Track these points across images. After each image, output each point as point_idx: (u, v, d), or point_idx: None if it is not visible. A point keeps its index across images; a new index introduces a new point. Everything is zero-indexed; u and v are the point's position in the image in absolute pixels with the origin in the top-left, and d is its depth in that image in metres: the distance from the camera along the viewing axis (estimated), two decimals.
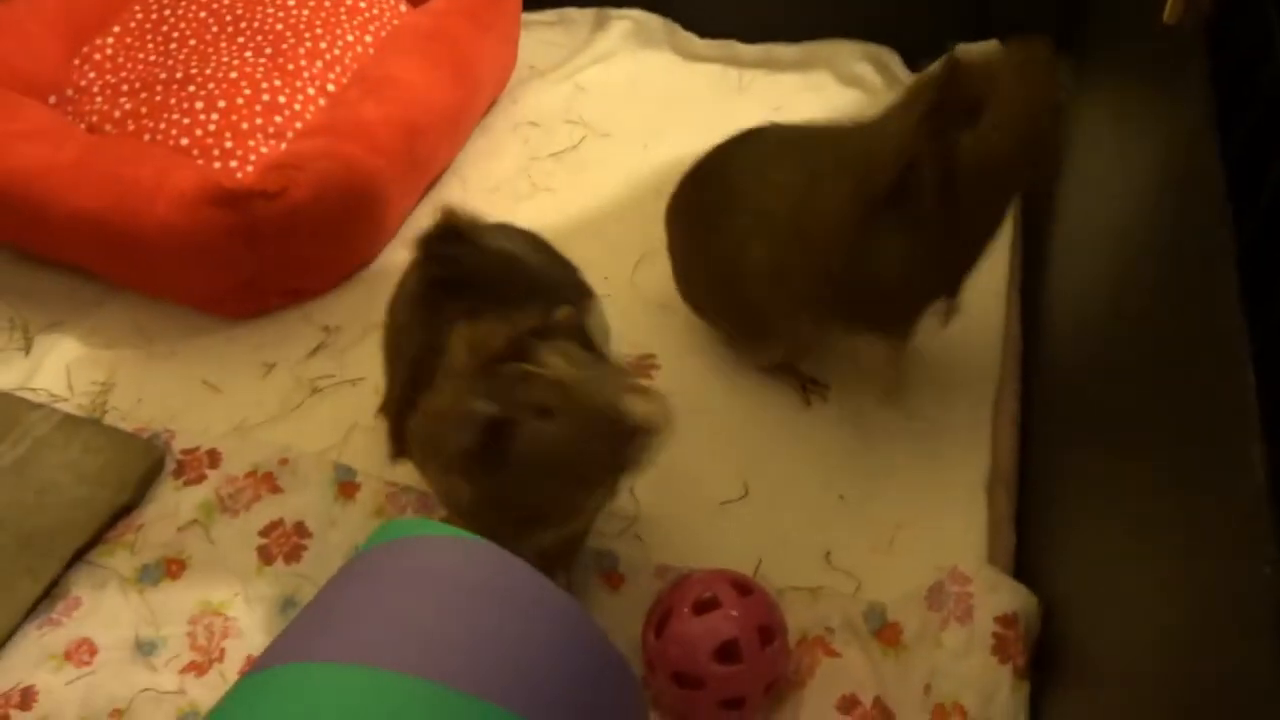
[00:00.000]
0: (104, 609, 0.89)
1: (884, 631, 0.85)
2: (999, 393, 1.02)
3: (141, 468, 0.95)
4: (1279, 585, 0.43)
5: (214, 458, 0.99)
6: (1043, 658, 0.81)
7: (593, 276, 1.17)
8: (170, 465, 0.98)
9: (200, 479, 0.97)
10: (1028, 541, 0.91)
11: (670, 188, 1.27)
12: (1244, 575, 0.46)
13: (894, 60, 1.38)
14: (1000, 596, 0.81)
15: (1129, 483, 0.68)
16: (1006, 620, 0.80)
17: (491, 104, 1.38)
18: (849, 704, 0.81)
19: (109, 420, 1.02)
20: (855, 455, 0.99)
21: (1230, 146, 0.63)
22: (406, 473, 0.98)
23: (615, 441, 0.72)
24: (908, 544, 0.92)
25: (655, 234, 1.22)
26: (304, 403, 1.04)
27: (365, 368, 1.07)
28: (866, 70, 1.38)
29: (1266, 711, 0.42)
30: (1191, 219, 0.63)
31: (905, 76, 1.36)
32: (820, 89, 1.40)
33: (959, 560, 0.87)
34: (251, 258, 1.06)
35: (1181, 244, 0.65)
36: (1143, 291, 0.72)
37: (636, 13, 1.47)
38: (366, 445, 1.01)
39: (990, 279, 1.11)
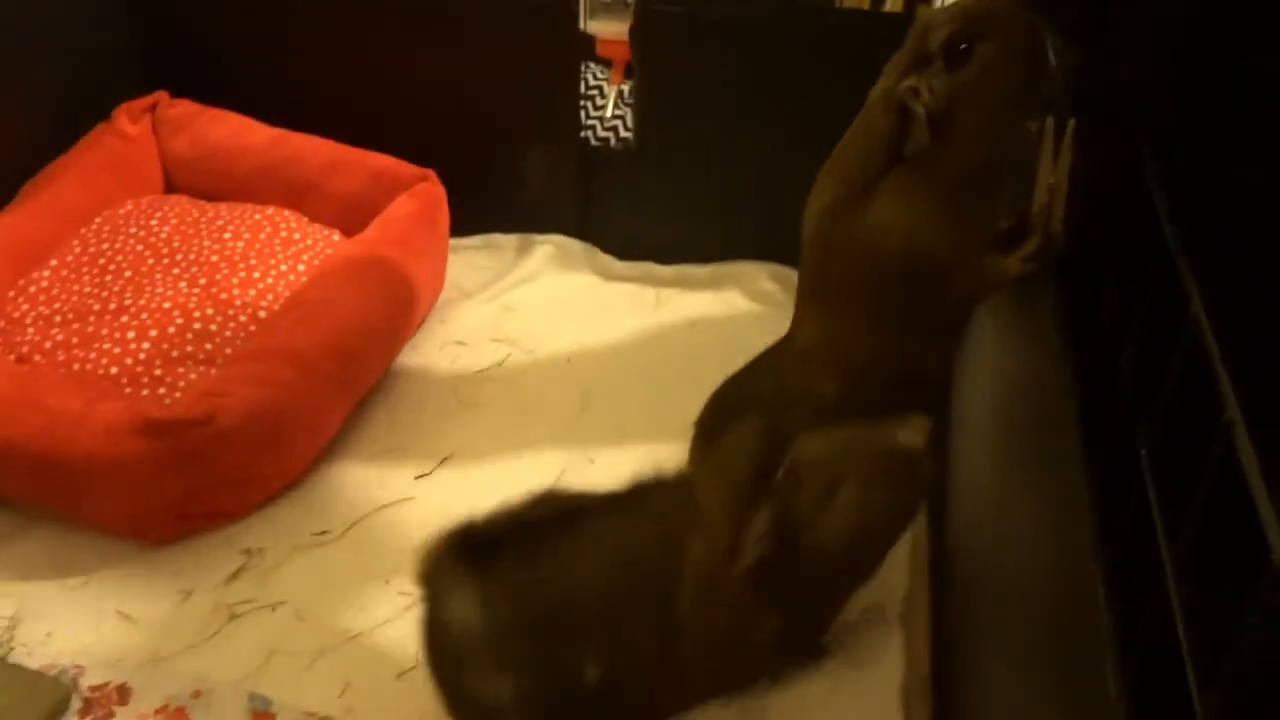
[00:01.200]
0: None
1: None
2: (910, 604, 1.05)
3: (44, 709, 0.92)
4: None
5: (124, 693, 0.96)
6: None
7: (517, 489, 1.20)
8: (77, 703, 0.95)
9: (108, 717, 0.94)
10: None
11: (593, 402, 1.34)
12: None
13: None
14: None
15: (1026, 691, 0.71)
16: None
17: (421, 323, 1.44)
18: None
19: (14, 657, 0.99)
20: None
21: (1081, 370, 0.70)
22: (323, 701, 0.96)
23: (901, 478, 0.76)
24: None
25: (578, 447, 1.26)
26: (222, 629, 1.03)
27: (286, 591, 1.07)
28: (773, 288, 1.48)
29: None
30: (1050, 450, 0.70)
31: None
32: (731, 305, 1.49)
33: None
34: (177, 483, 1.07)
35: (1040, 467, 0.71)
36: (1012, 514, 0.77)
37: (558, 237, 1.57)
38: (285, 672, 0.99)
39: None
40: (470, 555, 0.80)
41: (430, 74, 1.49)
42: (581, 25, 1.41)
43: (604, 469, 1.23)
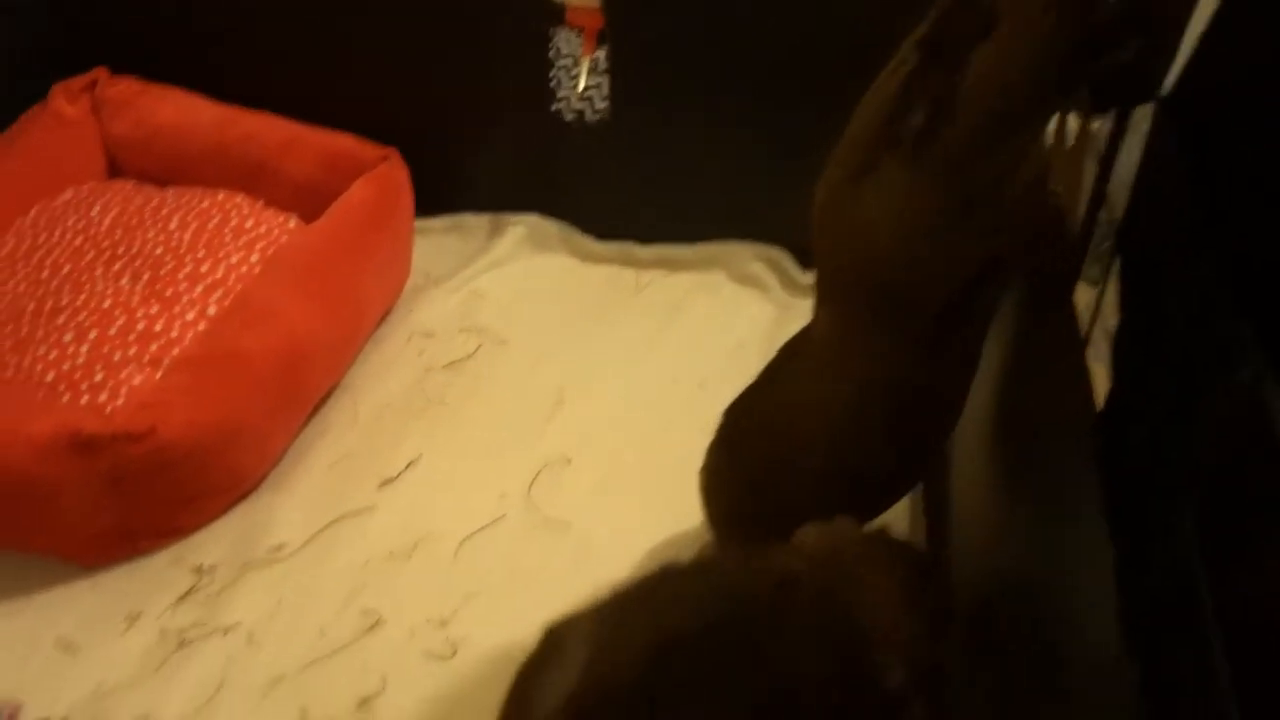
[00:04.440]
0: None
1: None
2: None
3: None
4: None
5: None
6: None
7: (488, 495, 1.14)
8: None
9: None
10: None
11: (569, 396, 1.26)
12: None
13: (786, 259, 1.40)
14: None
15: None
16: None
17: (385, 315, 1.35)
18: None
19: None
20: None
21: None
22: None
23: None
24: None
25: (554, 446, 1.18)
26: (169, 659, 0.96)
27: (239, 613, 1.00)
28: (761, 270, 1.40)
29: None
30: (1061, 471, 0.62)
31: (798, 275, 1.38)
32: (716, 289, 1.41)
33: None
34: (117, 503, 0.99)
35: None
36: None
37: (532, 217, 1.48)
38: (237, 705, 0.92)
39: None
40: None
41: (391, 45, 1.39)
42: None
43: (580, 471, 1.16)
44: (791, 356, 0.86)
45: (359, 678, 0.95)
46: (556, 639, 0.71)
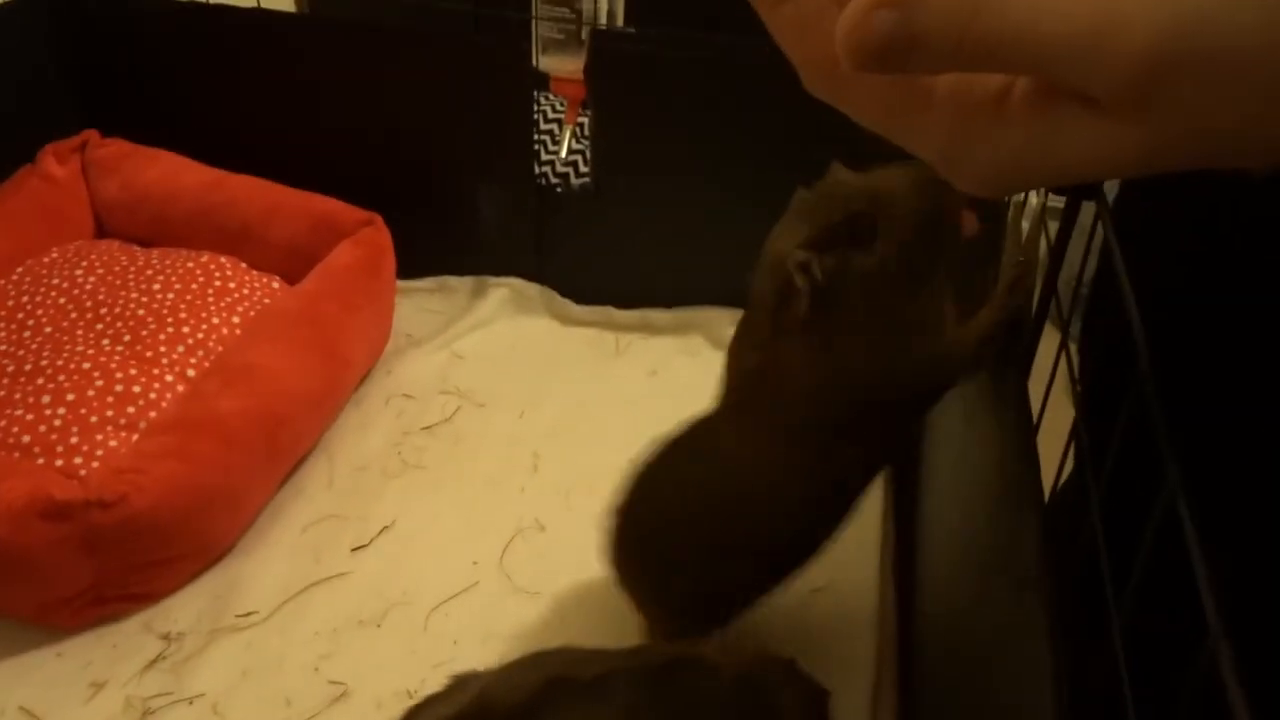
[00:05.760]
0: None
1: None
2: (876, 683, 0.98)
3: None
4: None
5: None
6: None
7: (460, 561, 1.14)
8: None
9: None
10: None
11: (545, 461, 1.27)
12: None
13: None
14: None
15: None
16: None
17: (365, 376, 1.36)
18: None
19: None
20: None
21: None
22: None
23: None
24: None
25: (528, 513, 1.19)
26: None
27: (205, 682, 0.99)
28: None
29: None
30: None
31: None
32: (695, 352, 1.42)
33: None
34: (87, 568, 0.99)
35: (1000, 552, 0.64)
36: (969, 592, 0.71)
37: (515, 280, 1.50)
38: None
39: (861, 564, 1.09)
40: None
41: (378, 112, 1.42)
42: (533, 62, 1.34)
43: (553, 538, 1.16)
44: (696, 456, 0.89)
45: None
46: (458, 681, 0.73)
